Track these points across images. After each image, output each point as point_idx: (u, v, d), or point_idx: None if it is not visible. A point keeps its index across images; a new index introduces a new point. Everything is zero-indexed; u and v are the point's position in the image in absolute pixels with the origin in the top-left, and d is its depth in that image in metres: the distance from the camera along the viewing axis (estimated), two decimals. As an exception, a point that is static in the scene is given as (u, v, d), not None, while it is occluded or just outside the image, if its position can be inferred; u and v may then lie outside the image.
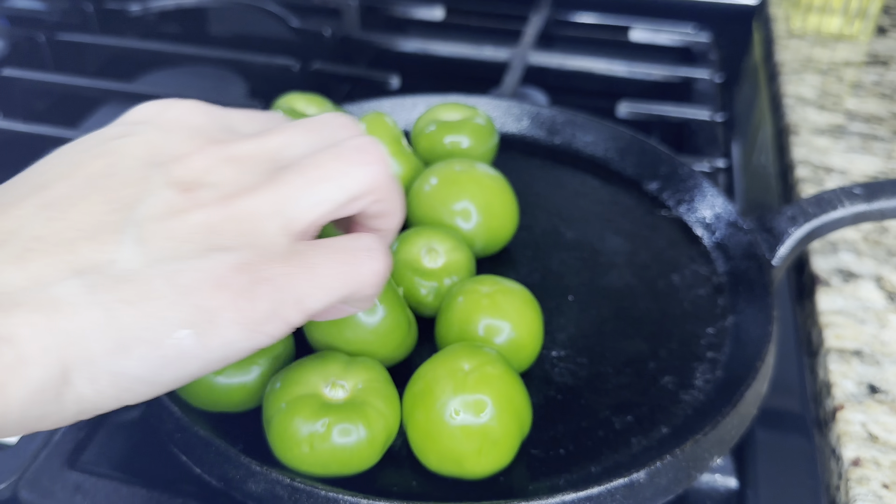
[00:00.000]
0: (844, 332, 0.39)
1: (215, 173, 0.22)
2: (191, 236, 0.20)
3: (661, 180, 0.46)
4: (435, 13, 0.73)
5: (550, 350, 0.35)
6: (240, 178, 0.22)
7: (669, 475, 0.29)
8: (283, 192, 0.21)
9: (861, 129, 0.56)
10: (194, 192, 0.21)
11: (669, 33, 0.70)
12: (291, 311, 0.20)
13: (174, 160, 0.22)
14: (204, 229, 0.20)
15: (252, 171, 0.22)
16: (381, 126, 0.41)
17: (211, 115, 0.24)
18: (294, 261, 0.21)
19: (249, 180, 0.22)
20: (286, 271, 0.20)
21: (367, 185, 0.23)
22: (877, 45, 0.67)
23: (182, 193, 0.21)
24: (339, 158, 0.22)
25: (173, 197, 0.21)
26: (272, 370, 0.31)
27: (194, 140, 0.23)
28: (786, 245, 0.38)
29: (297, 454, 0.28)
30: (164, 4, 0.72)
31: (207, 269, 0.20)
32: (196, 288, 0.19)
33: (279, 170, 0.22)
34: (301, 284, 0.20)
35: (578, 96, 0.69)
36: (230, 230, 0.20)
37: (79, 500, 0.30)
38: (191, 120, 0.23)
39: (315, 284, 0.21)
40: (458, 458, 0.28)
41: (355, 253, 0.22)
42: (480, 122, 0.44)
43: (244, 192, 0.21)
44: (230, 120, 0.25)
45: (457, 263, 0.36)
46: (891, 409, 0.35)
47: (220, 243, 0.20)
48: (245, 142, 0.23)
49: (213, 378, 0.30)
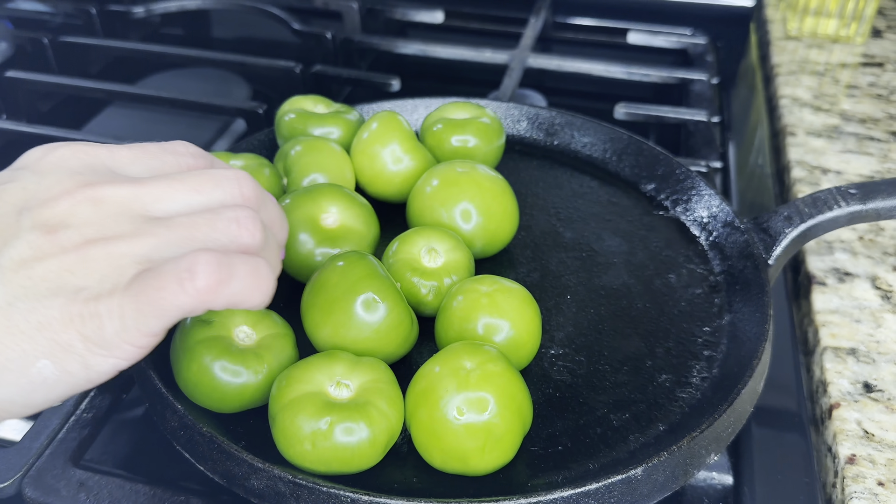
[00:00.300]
0: (840, 331, 0.40)
1: (80, 215, 0.23)
2: (46, 275, 0.23)
3: (658, 181, 0.46)
4: (435, 16, 0.73)
5: (549, 348, 0.36)
6: (105, 221, 0.23)
7: (666, 472, 0.29)
8: (146, 244, 0.23)
9: (856, 130, 0.56)
10: (57, 234, 0.23)
11: (666, 36, 0.71)
12: (135, 335, 0.23)
13: (42, 204, 0.24)
14: (60, 269, 0.23)
15: (119, 217, 0.24)
16: (395, 124, 0.42)
17: (90, 157, 0.25)
18: (130, 291, 0.23)
19: (114, 227, 0.23)
20: (123, 302, 0.22)
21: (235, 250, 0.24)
22: (872, 46, 0.67)
23: (45, 235, 0.23)
24: (214, 228, 0.24)
25: (36, 239, 0.23)
26: (272, 376, 0.31)
27: (65, 183, 0.24)
28: (782, 245, 0.39)
29: (300, 451, 0.28)
30: (167, 7, 0.72)
31: (57, 306, 0.22)
32: (48, 325, 0.22)
33: (149, 221, 0.24)
34: (136, 312, 0.22)
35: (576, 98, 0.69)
36: (84, 269, 0.23)
37: (82, 498, 0.31)
38: (68, 164, 0.25)
39: (148, 311, 0.22)
40: (462, 455, 0.29)
41: (178, 275, 0.22)
42: (487, 122, 0.44)
43: (106, 238, 0.23)
44: (114, 161, 0.26)
45: (456, 263, 0.36)
46: (886, 407, 0.36)
47: (73, 282, 0.23)
48: (119, 186, 0.24)
49: (219, 380, 0.30)
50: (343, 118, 0.44)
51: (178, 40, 0.77)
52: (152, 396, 0.31)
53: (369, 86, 0.61)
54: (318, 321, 0.32)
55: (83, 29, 0.71)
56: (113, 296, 0.23)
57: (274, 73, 0.61)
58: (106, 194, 0.24)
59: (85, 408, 0.34)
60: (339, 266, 0.32)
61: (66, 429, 0.33)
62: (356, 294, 0.31)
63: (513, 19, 0.75)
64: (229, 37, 0.78)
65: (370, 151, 0.42)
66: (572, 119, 0.49)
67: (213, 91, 0.64)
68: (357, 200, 0.38)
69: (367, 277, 0.32)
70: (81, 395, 0.35)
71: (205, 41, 0.78)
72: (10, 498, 0.31)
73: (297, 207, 0.37)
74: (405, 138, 0.42)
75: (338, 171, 0.41)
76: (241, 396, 0.31)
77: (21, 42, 0.65)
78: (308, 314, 0.33)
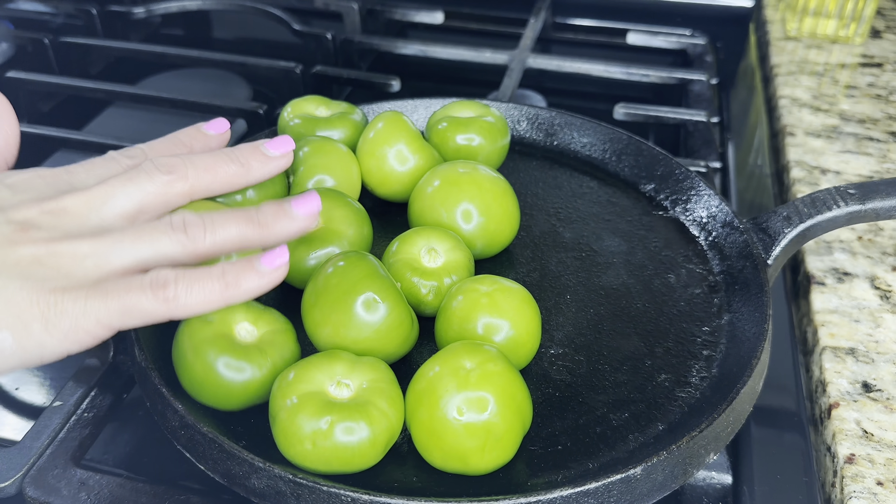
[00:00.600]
0: (839, 331, 0.40)
1: (47, 220, 0.28)
2: (19, 261, 0.27)
3: (657, 181, 0.46)
4: (435, 17, 0.73)
5: (548, 348, 0.36)
6: (67, 226, 0.28)
7: (665, 471, 0.29)
8: (100, 245, 0.28)
9: (855, 130, 0.56)
10: (29, 232, 0.28)
11: (666, 36, 0.71)
12: (93, 326, 0.27)
13: (14, 208, 0.28)
14: (31, 258, 0.27)
15: (78, 221, 0.29)
16: (400, 124, 0.42)
17: (49, 178, 0.30)
18: (95, 290, 0.27)
19: (75, 229, 0.28)
20: (87, 297, 0.27)
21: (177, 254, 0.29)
22: (871, 47, 0.67)
23: (18, 231, 0.27)
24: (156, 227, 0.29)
25: (11, 233, 0.27)
26: (276, 370, 0.31)
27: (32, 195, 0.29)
28: (781, 245, 0.39)
29: (300, 451, 0.28)
30: (168, 8, 0.72)
31: (27, 288, 0.26)
32: (15, 302, 0.26)
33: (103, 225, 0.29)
34: (98, 308, 0.27)
35: (576, 99, 0.69)
36: (52, 263, 0.27)
37: (83, 497, 0.31)
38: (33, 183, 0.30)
39: (108, 308, 0.27)
40: (462, 454, 0.29)
41: (142, 289, 0.27)
42: (492, 120, 0.44)
43: (68, 237, 0.28)
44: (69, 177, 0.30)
45: (456, 263, 0.37)
46: (885, 406, 0.36)
47: (42, 272, 0.27)
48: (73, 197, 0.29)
49: (219, 376, 0.30)
50: (348, 119, 0.45)
51: (178, 41, 0.77)
52: (153, 396, 0.32)
53: (369, 86, 0.61)
54: (319, 321, 0.32)
55: (84, 29, 0.71)
56: (80, 290, 0.26)
57: (274, 73, 0.61)
58: (66, 204, 0.29)
59: (86, 407, 0.35)
60: (340, 266, 0.32)
61: (66, 428, 0.33)
62: (356, 294, 0.31)
63: (513, 20, 0.75)
64: (230, 37, 0.78)
65: (377, 152, 0.42)
66: (572, 119, 0.50)
67: (213, 92, 0.64)
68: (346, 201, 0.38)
69: (367, 277, 0.32)
70: (83, 394, 0.35)
71: (205, 42, 0.78)
72: (11, 497, 0.31)
73: None
74: (412, 138, 0.42)
75: (345, 172, 0.41)
76: (245, 392, 0.31)
77: (22, 42, 0.65)
78: (308, 314, 0.33)
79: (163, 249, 0.28)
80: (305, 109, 0.45)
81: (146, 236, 0.28)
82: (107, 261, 0.28)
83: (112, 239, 0.28)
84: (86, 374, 0.36)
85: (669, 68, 0.64)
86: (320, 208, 0.31)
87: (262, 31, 0.77)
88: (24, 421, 0.37)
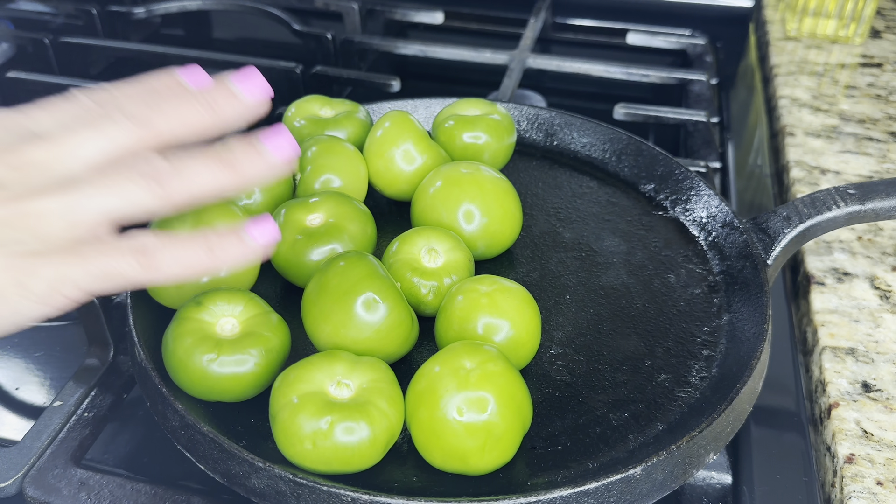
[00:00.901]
0: (838, 331, 0.40)
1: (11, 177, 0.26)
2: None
3: (657, 181, 0.46)
4: (435, 17, 0.74)
5: (548, 348, 0.36)
6: (33, 180, 0.26)
7: (665, 471, 0.29)
8: (69, 198, 0.26)
9: (855, 130, 0.56)
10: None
11: (666, 37, 0.71)
12: (69, 289, 0.25)
13: None
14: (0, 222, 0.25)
15: (44, 174, 0.26)
16: (406, 123, 0.42)
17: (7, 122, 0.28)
18: (71, 252, 0.26)
19: (40, 183, 0.26)
20: (62, 260, 0.25)
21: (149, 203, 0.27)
22: (871, 47, 0.68)
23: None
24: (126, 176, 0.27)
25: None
26: (266, 362, 0.31)
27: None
28: (780, 245, 0.39)
29: (300, 451, 0.28)
30: (168, 8, 0.72)
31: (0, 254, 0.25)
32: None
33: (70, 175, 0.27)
34: (75, 270, 0.25)
35: (576, 99, 0.69)
36: (21, 225, 0.25)
37: (83, 497, 0.31)
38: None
39: (86, 272, 0.25)
40: (462, 454, 0.29)
41: (122, 254, 0.26)
42: (497, 118, 0.44)
43: (33, 193, 0.26)
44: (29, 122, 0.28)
45: (456, 263, 0.37)
46: (885, 406, 0.36)
47: (14, 236, 0.25)
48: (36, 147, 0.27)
49: (208, 368, 0.30)
50: (354, 118, 0.45)
51: (178, 41, 0.77)
52: (153, 396, 0.32)
53: (370, 86, 0.61)
54: (319, 321, 0.32)
55: (84, 29, 0.71)
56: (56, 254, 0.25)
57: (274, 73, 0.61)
58: (27, 158, 0.27)
59: (86, 407, 0.35)
60: (340, 266, 0.32)
61: (67, 428, 0.33)
62: (357, 294, 0.31)
63: (512, 20, 0.75)
64: (230, 37, 0.78)
65: (384, 152, 0.42)
66: (572, 119, 0.50)
67: (213, 92, 0.64)
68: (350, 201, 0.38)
69: (367, 277, 0.32)
70: (83, 394, 0.35)
71: (205, 42, 0.78)
72: (11, 497, 0.31)
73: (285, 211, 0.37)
74: (419, 137, 0.42)
75: (352, 172, 0.41)
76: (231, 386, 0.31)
77: (22, 42, 0.65)
78: (309, 314, 0.33)
79: (134, 198, 0.27)
80: (309, 110, 0.45)
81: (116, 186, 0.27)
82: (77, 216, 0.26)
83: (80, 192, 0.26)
84: (86, 374, 0.36)
85: (669, 68, 0.64)
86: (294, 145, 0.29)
87: (262, 32, 0.77)
88: (25, 421, 0.37)
